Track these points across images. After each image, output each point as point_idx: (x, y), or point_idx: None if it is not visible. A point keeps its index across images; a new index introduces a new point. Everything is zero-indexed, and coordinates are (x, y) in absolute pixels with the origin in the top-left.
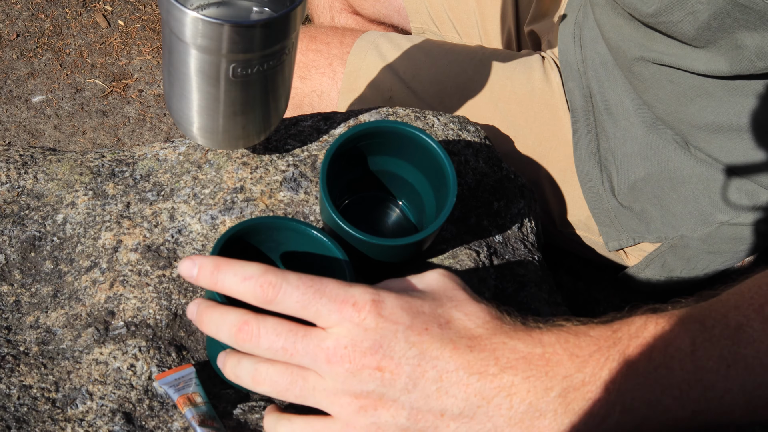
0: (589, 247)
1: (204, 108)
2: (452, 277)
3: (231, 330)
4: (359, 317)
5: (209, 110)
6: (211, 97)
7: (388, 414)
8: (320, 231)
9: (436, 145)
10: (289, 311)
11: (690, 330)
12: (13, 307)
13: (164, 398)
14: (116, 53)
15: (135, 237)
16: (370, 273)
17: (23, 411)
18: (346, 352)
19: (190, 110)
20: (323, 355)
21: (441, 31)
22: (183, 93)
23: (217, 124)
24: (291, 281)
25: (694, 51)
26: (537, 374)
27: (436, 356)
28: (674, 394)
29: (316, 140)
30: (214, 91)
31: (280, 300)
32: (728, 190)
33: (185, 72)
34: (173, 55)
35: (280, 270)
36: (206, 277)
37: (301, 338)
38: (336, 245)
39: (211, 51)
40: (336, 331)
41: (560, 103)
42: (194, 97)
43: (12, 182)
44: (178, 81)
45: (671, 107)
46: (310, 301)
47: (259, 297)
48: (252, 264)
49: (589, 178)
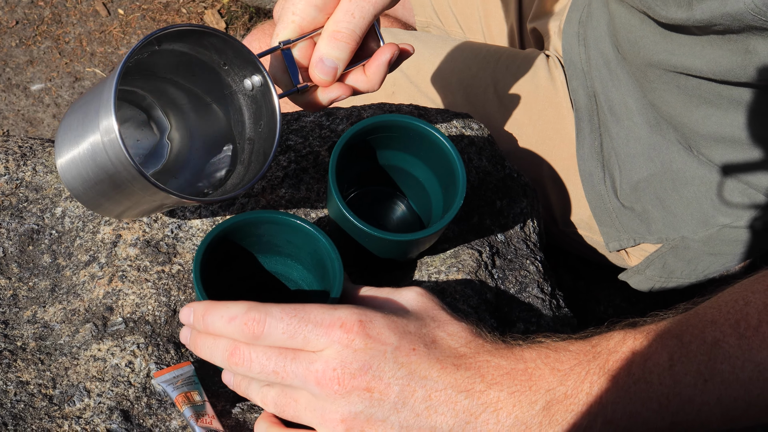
0: (590, 247)
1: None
2: (430, 297)
3: (224, 355)
4: (348, 338)
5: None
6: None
7: None
8: (302, 219)
9: (448, 142)
10: (278, 343)
11: (668, 346)
12: (11, 301)
13: (162, 396)
14: (116, 42)
15: (134, 232)
16: (371, 268)
17: (20, 408)
18: (335, 374)
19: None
20: (312, 377)
21: (445, 26)
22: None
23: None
24: (274, 314)
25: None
26: (521, 389)
27: (425, 375)
28: (653, 407)
29: (318, 136)
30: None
31: (266, 335)
32: (731, 193)
33: (92, 168)
34: (93, 158)
35: (262, 305)
36: (198, 323)
37: (290, 361)
38: (320, 231)
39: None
40: (325, 354)
41: (564, 102)
42: (87, 174)
43: (10, 174)
44: (81, 157)
45: (676, 111)
46: (296, 331)
47: (247, 335)
48: (235, 304)
49: (591, 178)
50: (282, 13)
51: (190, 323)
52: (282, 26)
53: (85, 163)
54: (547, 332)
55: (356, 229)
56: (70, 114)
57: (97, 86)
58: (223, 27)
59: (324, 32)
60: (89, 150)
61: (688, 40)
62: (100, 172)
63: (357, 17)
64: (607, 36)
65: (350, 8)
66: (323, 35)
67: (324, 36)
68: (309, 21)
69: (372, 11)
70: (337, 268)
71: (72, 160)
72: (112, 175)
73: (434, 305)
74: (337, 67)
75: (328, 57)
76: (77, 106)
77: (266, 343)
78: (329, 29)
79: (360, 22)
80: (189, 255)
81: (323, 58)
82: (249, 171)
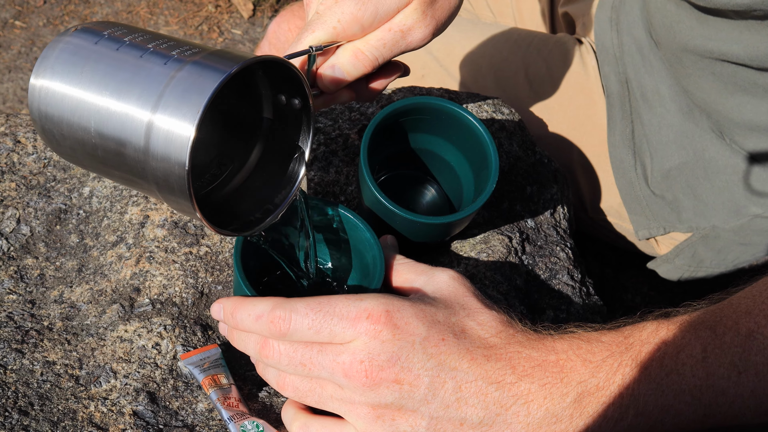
0: (619, 235)
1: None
2: (463, 282)
3: (255, 348)
4: (375, 329)
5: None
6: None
7: (406, 423)
8: (343, 207)
9: (481, 126)
10: (305, 338)
11: (701, 337)
12: (38, 281)
13: (189, 378)
14: (143, 23)
15: (162, 213)
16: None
17: (46, 388)
18: (362, 366)
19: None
20: (340, 369)
21: (475, 9)
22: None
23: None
24: (299, 310)
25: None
26: (553, 381)
27: (455, 367)
28: (686, 399)
29: (348, 119)
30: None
31: (293, 331)
32: (764, 183)
33: (108, 136)
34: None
35: (287, 302)
36: (228, 319)
37: (317, 354)
38: (360, 220)
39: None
40: (352, 346)
41: (596, 87)
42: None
43: (38, 153)
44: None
45: (710, 98)
46: (322, 325)
47: (274, 333)
48: (260, 301)
49: (622, 165)
50: (326, 13)
51: (222, 319)
52: (322, 28)
53: (97, 118)
54: (579, 321)
55: (390, 212)
56: (94, 51)
57: (155, 53)
58: (251, 9)
59: (350, 44)
60: (119, 113)
61: (726, 25)
62: (111, 139)
63: (386, 49)
64: (640, 21)
65: (385, 39)
66: (348, 46)
67: (348, 47)
68: (348, 34)
69: (402, 49)
70: (378, 257)
71: (75, 103)
72: (127, 153)
73: (466, 291)
74: (345, 80)
75: (341, 68)
76: (110, 51)
77: (294, 339)
78: (357, 45)
79: (386, 54)
80: (217, 237)
81: (336, 66)
82: (256, 180)
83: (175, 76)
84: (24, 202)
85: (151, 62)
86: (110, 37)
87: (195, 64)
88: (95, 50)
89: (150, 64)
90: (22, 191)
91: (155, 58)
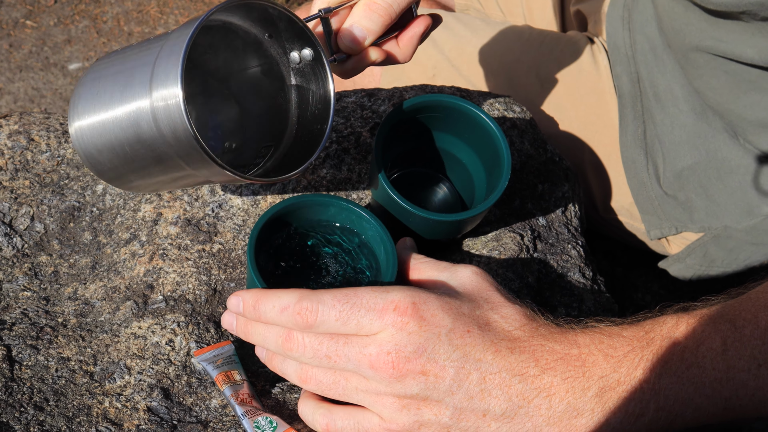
0: (630, 234)
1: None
2: (485, 277)
3: (277, 341)
4: (401, 321)
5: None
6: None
7: (431, 413)
8: (354, 204)
9: (494, 124)
10: (332, 330)
11: (721, 330)
12: (52, 278)
13: (202, 375)
14: (153, 22)
15: (175, 210)
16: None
17: (61, 384)
18: (389, 358)
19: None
20: (366, 361)
21: (485, 8)
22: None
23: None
24: (326, 302)
25: (753, 37)
26: (575, 375)
27: (479, 358)
28: (706, 392)
29: (360, 117)
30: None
31: (320, 323)
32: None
33: (130, 135)
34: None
35: (313, 293)
36: (249, 312)
37: (343, 345)
38: (371, 215)
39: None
40: (379, 337)
41: (607, 87)
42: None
43: (52, 151)
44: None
45: (723, 97)
46: (349, 317)
47: (300, 324)
48: (286, 293)
49: (634, 165)
50: None
51: (240, 312)
52: None
53: (119, 130)
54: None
55: (403, 210)
56: (99, 76)
57: (141, 49)
58: None
59: (361, 1)
60: (130, 116)
61: (737, 27)
62: (139, 140)
63: None
64: (653, 20)
65: None
66: (360, 3)
67: (360, 4)
68: None
69: None
70: (390, 251)
71: (100, 126)
72: (155, 145)
73: (489, 286)
74: (366, 37)
75: (358, 26)
76: (110, 68)
77: (320, 331)
78: None
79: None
80: (230, 234)
81: (354, 25)
82: (295, 148)
83: (156, 59)
84: (38, 199)
85: (139, 60)
86: (109, 60)
87: (170, 38)
88: (102, 75)
89: (138, 62)
90: (36, 189)
91: (142, 56)
